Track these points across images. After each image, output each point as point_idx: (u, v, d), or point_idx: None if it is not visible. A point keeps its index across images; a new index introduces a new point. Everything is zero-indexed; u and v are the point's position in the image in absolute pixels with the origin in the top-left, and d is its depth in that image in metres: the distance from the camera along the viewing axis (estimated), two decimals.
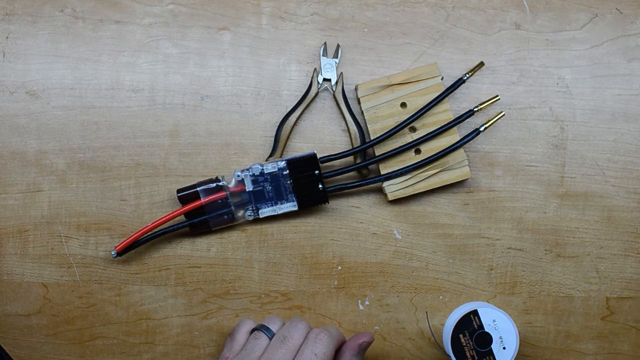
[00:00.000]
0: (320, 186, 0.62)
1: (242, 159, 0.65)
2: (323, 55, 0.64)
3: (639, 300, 0.65)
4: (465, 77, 0.62)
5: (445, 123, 0.63)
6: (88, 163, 0.64)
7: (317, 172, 0.62)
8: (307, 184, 0.62)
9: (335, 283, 0.65)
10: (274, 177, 0.62)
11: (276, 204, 0.63)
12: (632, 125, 0.65)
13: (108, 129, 0.65)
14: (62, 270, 0.64)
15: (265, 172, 0.62)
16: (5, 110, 0.64)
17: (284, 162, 0.62)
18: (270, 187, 0.63)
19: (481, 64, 0.62)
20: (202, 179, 0.64)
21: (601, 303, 0.65)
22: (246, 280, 0.65)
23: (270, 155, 0.64)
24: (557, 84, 0.65)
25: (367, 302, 0.65)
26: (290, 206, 0.63)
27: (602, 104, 0.65)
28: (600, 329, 0.65)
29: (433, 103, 0.62)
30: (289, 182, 0.62)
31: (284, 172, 0.62)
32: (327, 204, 0.63)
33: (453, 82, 0.63)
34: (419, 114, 0.62)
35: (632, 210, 0.65)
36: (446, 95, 0.62)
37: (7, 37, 0.65)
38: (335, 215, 0.65)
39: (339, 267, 0.65)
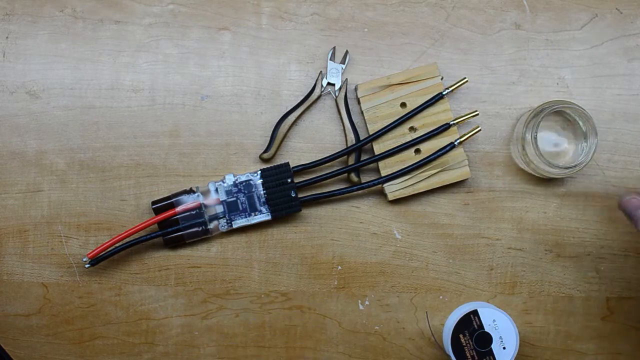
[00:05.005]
0: (293, 194, 0.62)
1: (242, 159, 0.65)
2: (330, 60, 0.64)
3: (639, 300, 0.65)
4: (444, 93, 0.63)
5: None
6: (88, 163, 0.64)
7: (289, 180, 0.62)
8: (281, 193, 0.62)
9: (335, 283, 0.65)
10: (248, 187, 0.62)
11: (249, 214, 0.63)
12: (632, 125, 0.65)
13: (108, 129, 0.65)
14: (62, 270, 0.64)
15: (239, 182, 0.62)
16: (5, 110, 0.64)
17: (257, 172, 0.62)
18: (244, 198, 0.62)
19: (464, 79, 0.63)
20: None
21: (601, 303, 0.65)
22: (246, 280, 0.65)
23: (265, 152, 0.64)
24: (557, 84, 0.65)
25: (367, 302, 0.65)
26: (263, 217, 0.63)
27: (602, 104, 0.65)
28: (600, 329, 0.65)
29: (404, 117, 0.62)
30: (262, 192, 0.62)
31: (258, 182, 0.62)
32: (300, 211, 0.63)
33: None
34: (402, 118, 0.62)
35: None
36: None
37: (7, 37, 0.65)
38: (335, 215, 0.65)
39: (339, 267, 0.65)
